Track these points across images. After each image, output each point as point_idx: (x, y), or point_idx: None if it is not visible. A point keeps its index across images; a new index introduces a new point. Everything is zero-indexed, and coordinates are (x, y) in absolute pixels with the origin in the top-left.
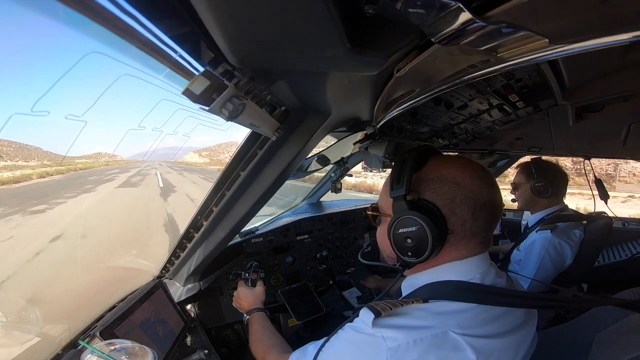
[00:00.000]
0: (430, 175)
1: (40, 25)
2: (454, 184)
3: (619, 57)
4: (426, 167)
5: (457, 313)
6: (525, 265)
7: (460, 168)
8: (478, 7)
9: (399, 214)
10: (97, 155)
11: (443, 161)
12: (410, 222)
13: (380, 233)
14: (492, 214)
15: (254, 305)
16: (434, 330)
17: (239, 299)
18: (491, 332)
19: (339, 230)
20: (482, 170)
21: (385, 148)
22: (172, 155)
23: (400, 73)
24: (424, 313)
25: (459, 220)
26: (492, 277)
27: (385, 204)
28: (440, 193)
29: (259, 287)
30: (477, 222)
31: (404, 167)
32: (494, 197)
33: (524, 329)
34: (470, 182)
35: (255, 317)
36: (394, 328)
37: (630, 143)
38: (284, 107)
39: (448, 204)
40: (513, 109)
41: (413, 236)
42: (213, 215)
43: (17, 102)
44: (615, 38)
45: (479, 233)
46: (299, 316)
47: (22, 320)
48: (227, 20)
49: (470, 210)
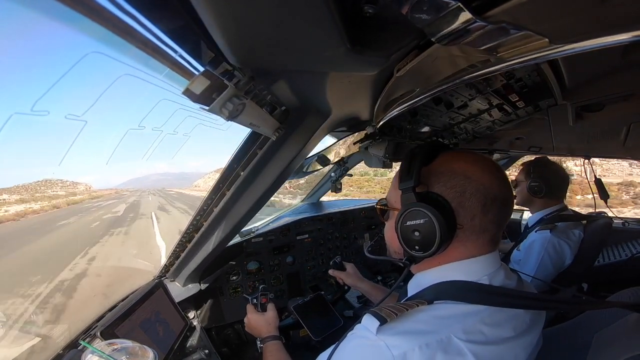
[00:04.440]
0: (440, 169)
1: (40, 25)
2: (464, 177)
3: (619, 57)
4: (436, 161)
5: (462, 317)
6: (524, 265)
7: (471, 162)
8: (478, 7)
9: (407, 206)
10: (45, 184)
11: (454, 155)
12: (418, 215)
13: (388, 228)
14: (503, 209)
15: (268, 333)
16: (438, 335)
17: (251, 327)
18: (496, 337)
19: (339, 230)
20: (493, 165)
21: (385, 148)
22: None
23: (400, 73)
24: (428, 317)
25: (468, 215)
26: (501, 279)
27: (393, 198)
28: (449, 186)
29: (270, 311)
30: (487, 216)
31: (414, 160)
32: (505, 192)
33: (531, 333)
34: (481, 176)
35: (270, 347)
36: (398, 335)
37: (630, 143)
38: (284, 107)
39: (457, 197)
40: (513, 109)
41: (421, 229)
42: (213, 215)
43: (18, 103)
44: (615, 38)
45: (488, 229)
46: (316, 333)
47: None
48: (227, 20)
49: (480, 204)
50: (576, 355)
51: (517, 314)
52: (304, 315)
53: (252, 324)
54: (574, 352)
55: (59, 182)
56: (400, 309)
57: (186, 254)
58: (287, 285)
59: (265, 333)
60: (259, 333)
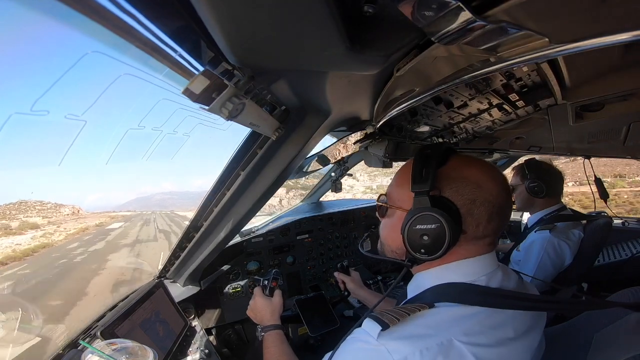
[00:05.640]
0: (453, 174)
1: (40, 25)
2: (476, 186)
3: (618, 56)
4: (448, 165)
5: (461, 319)
6: (524, 265)
7: (481, 170)
8: (478, 6)
9: (420, 209)
10: (18, 207)
11: (465, 161)
12: (429, 219)
13: (387, 226)
14: (503, 219)
15: (271, 321)
16: (438, 338)
17: (255, 310)
18: (497, 339)
19: (339, 230)
20: (500, 174)
21: (385, 147)
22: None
23: (400, 72)
24: (429, 320)
25: (474, 222)
26: (499, 280)
27: (398, 197)
28: (462, 193)
29: (277, 297)
30: (490, 225)
31: (429, 163)
32: (508, 201)
33: (531, 334)
34: (492, 186)
35: (272, 337)
36: (399, 339)
37: (630, 142)
38: (283, 107)
39: (467, 205)
40: (513, 108)
41: (430, 234)
42: (213, 215)
43: (17, 103)
44: (615, 38)
45: (488, 235)
46: (313, 329)
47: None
48: (227, 20)
49: (487, 214)
50: (576, 355)
51: (516, 315)
52: (304, 310)
53: (257, 307)
54: (574, 352)
55: (38, 204)
56: (402, 313)
57: (186, 254)
58: (287, 285)
59: (267, 321)
60: (262, 319)
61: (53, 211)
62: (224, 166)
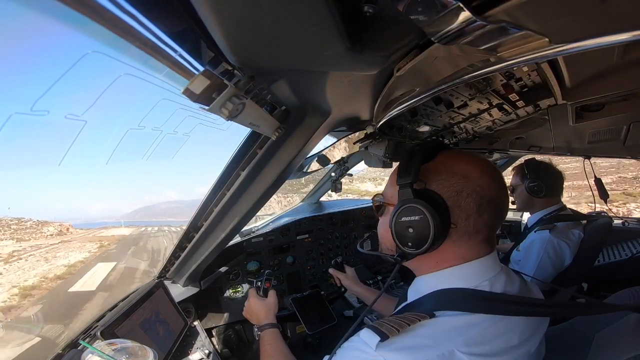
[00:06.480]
0: (439, 167)
1: (40, 25)
2: (462, 177)
3: (618, 56)
4: (436, 159)
5: (463, 328)
6: (524, 265)
7: (470, 163)
8: (478, 7)
9: (403, 202)
10: None
11: (453, 155)
12: (413, 211)
13: (382, 224)
14: (498, 212)
15: (267, 320)
16: (439, 349)
17: (251, 311)
18: (500, 347)
19: (339, 230)
20: (491, 167)
21: (385, 147)
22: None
23: (400, 72)
24: (429, 331)
25: (463, 214)
26: (502, 284)
27: (390, 193)
28: (447, 185)
29: (271, 297)
30: (481, 217)
31: (413, 157)
32: (501, 195)
33: (533, 339)
34: (479, 177)
35: (268, 335)
36: (398, 350)
37: (630, 142)
38: (284, 107)
39: (454, 196)
40: (513, 109)
41: (415, 225)
42: (213, 215)
43: (16, 103)
44: (615, 38)
45: (481, 230)
46: (310, 326)
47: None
48: (227, 20)
49: (476, 205)
50: (576, 355)
51: (522, 320)
52: (301, 308)
53: (252, 308)
54: (574, 352)
55: (14, 222)
56: (402, 324)
57: (186, 254)
58: (287, 285)
59: (263, 320)
60: (257, 319)
61: (33, 231)
62: (224, 166)
